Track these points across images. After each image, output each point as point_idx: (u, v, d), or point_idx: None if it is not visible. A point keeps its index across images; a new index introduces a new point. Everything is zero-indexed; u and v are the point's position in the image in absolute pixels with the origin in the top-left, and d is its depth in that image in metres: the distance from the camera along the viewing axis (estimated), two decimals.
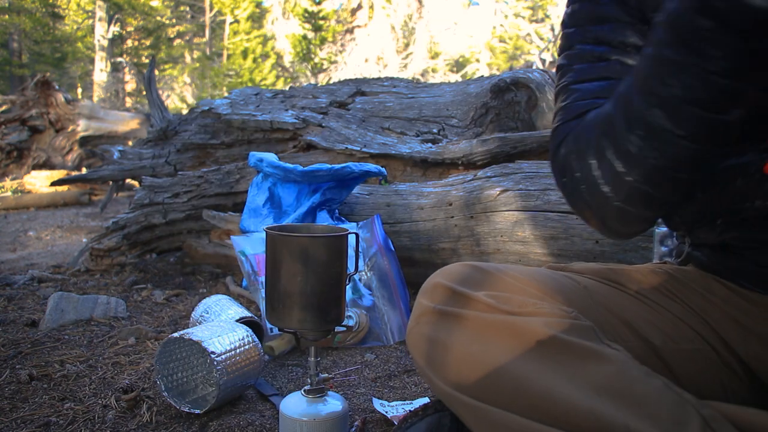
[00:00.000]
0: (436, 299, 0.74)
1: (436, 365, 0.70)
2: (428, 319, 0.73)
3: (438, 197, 1.97)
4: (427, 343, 0.72)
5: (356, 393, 1.32)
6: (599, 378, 0.60)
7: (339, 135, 2.62)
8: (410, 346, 0.76)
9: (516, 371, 0.63)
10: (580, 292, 0.80)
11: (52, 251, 3.53)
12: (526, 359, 0.64)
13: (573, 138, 0.73)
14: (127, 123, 7.56)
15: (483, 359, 0.66)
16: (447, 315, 0.72)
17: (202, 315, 1.60)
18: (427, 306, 0.74)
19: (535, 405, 0.61)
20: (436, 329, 0.72)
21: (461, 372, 0.67)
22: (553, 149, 0.78)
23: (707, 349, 0.77)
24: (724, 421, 0.58)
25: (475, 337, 0.68)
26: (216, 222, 2.46)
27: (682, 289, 0.82)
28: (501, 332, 0.67)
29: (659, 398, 0.59)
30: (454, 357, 0.69)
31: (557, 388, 0.61)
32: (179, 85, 17.27)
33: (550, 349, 0.64)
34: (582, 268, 0.87)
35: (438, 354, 0.70)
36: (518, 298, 0.71)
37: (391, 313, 1.75)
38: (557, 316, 0.68)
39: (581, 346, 0.64)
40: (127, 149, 3.67)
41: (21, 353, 1.53)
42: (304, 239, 1.00)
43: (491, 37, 16.57)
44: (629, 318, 0.78)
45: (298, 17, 16.49)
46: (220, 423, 1.13)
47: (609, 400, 0.59)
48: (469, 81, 2.84)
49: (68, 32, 14.60)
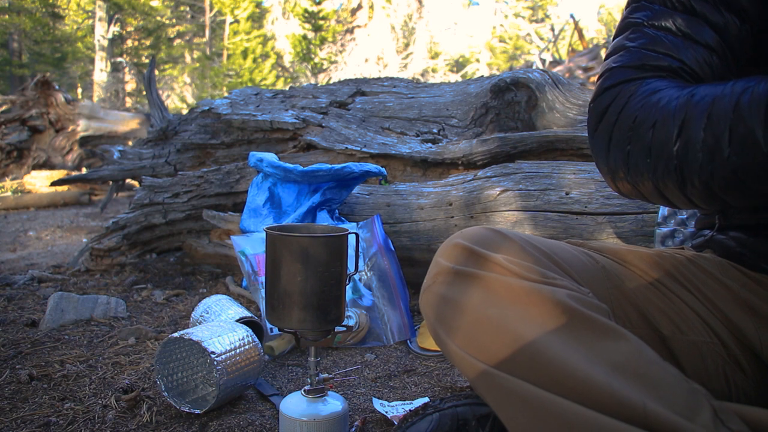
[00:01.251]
0: (453, 259, 0.71)
1: (450, 326, 0.68)
2: (444, 278, 0.71)
3: (438, 197, 1.97)
4: (442, 303, 0.69)
5: (356, 393, 1.32)
6: (617, 355, 0.60)
7: (339, 135, 2.62)
8: (423, 306, 0.73)
9: (534, 339, 0.61)
10: (598, 272, 0.78)
11: (52, 251, 3.53)
12: (546, 329, 0.62)
13: (640, 103, 0.68)
14: (127, 123, 7.56)
15: (499, 323, 0.64)
16: (464, 275, 0.69)
17: (202, 315, 1.60)
18: (444, 265, 0.71)
19: (551, 375, 0.59)
20: (452, 289, 0.69)
21: (475, 335, 0.65)
22: (599, 90, 0.74)
23: (715, 343, 0.77)
24: (732, 413, 0.57)
25: (493, 300, 0.66)
26: (216, 222, 2.46)
27: (698, 276, 0.81)
28: (521, 298, 0.65)
29: (675, 382, 0.59)
30: (468, 318, 0.66)
31: (575, 360, 0.59)
32: (179, 85, 17.28)
33: (571, 321, 0.62)
34: (601, 246, 0.86)
35: (452, 314, 0.68)
36: (538, 269, 0.69)
37: (391, 313, 1.75)
38: (578, 291, 0.67)
39: (602, 323, 0.63)
40: (127, 149, 3.67)
41: (21, 353, 1.53)
42: (304, 239, 1.00)
43: (491, 37, 16.58)
44: (641, 305, 0.78)
45: (298, 17, 16.50)
46: (220, 423, 1.13)
47: (626, 378, 0.58)
48: (469, 81, 2.83)
49: (68, 32, 14.61)
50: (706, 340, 0.77)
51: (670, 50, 0.71)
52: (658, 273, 0.81)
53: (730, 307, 0.78)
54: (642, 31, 0.73)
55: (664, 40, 0.71)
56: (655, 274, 0.81)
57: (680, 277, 0.81)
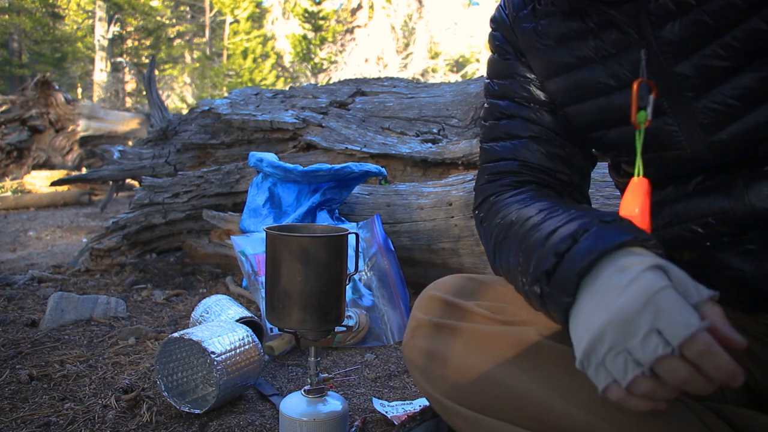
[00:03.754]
0: (431, 311, 0.74)
1: (433, 377, 0.71)
2: (424, 332, 0.73)
3: (438, 197, 1.97)
4: (424, 356, 0.72)
5: (356, 393, 1.32)
6: (593, 388, 0.60)
7: (339, 135, 2.62)
8: (407, 359, 0.76)
9: (512, 382, 0.64)
10: None
11: (52, 251, 3.53)
12: (522, 370, 0.64)
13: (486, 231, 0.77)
14: (127, 123, 7.56)
15: (479, 371, 0.66)
16: (442, 327, 0.72)
17: (202, 315, 1.60)
18: (422, 318, 0.74)
19: (532, 415, 0.62)
20: (432, 342, 0.72)
21: (458, 384, 0.68)
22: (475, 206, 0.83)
23: None
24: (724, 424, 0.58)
25: (471, 349, 0.68)
26: (216, 222, 2.46)
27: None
28: (496, 343, 0.67)
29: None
30: (451, 369, 0.69)
31: (553, 398, 0.61)
32: (179, 85, 17.28)
33: (544, 358, 0.64)
34: None
35: (435, 366, 0.71)
36: (512, 308, 0.71)
37: (391, 313, 1.75)
38: (551, 325, 0.68)
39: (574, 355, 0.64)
40: (127, 149, 3.67)
41: (21, 353, 1.53)
42: (304, 239, 1.00)
43: None
44: None
45: (298, 17, 16.50)
46: (220, 423, 1.13)
47: (604, 410, 0.59)
48: (469, 81, 2.83)
49: (68, 32, 14.61)
50: None
51: (503, 155, 0.80)
52: None
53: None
54: (482, 149, 0.84)
55: (496, 148, 0.81)
56: None
57: None
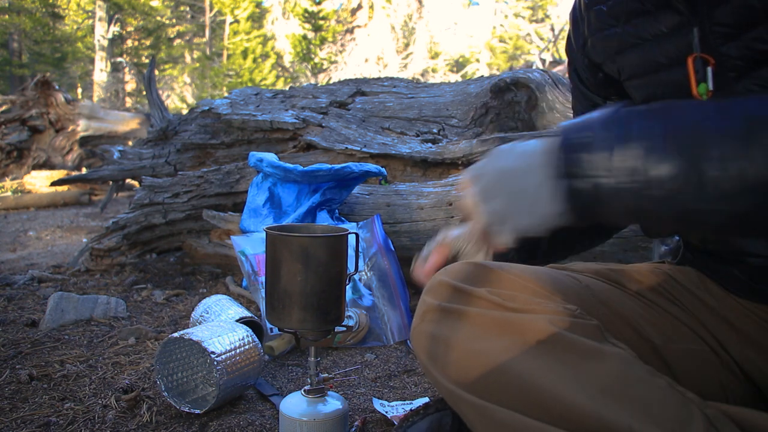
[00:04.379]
0: (439, 296, 0.73)
1: (440, 362, 0.70)
2: (432, 316, 0.73)
3: (438, 197, 1.97)
4: (431, 341, 0.71)
5: (356, 393, 1.32)
6: (602, 378, 0.60)
7: (339, 135, 2.62)
8: (414, 344, 0.76)
9: (519, 369, 0.63)
10: (582, 291, 0.80)
11: (52, 251, 3.53)
12: (530, 357, 0.63)
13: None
14: (127, 123, 7.56)
15: (487, 357, 0.66)
16: (450, 312, 0.71)
17: (202, 315, 1.60)
18: (430, 303, 0.74)
19: (539, 404, 0.61)
20: (440, 326, 0.71)
21: (465, 369, 0.67)
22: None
23: (706, 350, 0.77)
24: (728, 420, 0.57)
25: (479, 335, 0.68)
26: (216, 222, 2.46)
27: (678, 290, 0.83)
28: (505, 329, 0.67)
29: (663, 398, 0.59)
30: (457, 354, 0.68)
31: (560, 387, 0.60)
32: (179, 85, 17.28)
33: (554, 347, 0.64)
34: (582, 267, 0.87)
35: (441, 351, 0.70)
36: (522, 296, 0.70)
37: (391, 313, 1.75)
38: (561, 314, 0.67)
39: (584, 345, 0.63)
40: (127, 149, 3.67)
41: (21, 353, 1.53)
42: (304, 239, 1.00)
43: (491, 37, 16.57)
44: (630, 317, 0.78)
45: (298, 17, 16.51)
46: (220, 423, 1.13)
47: (612, 400, 0.58)
48: (469, 81, 2.84)
49: (68, 32, 14.61)
50: (698, 347, 0.77)
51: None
52: (641, 287, 0.84)
53: (710, 320, 0.79)
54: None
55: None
56: (638, 288, 0.84)
57: (662, 290, 0.83)
